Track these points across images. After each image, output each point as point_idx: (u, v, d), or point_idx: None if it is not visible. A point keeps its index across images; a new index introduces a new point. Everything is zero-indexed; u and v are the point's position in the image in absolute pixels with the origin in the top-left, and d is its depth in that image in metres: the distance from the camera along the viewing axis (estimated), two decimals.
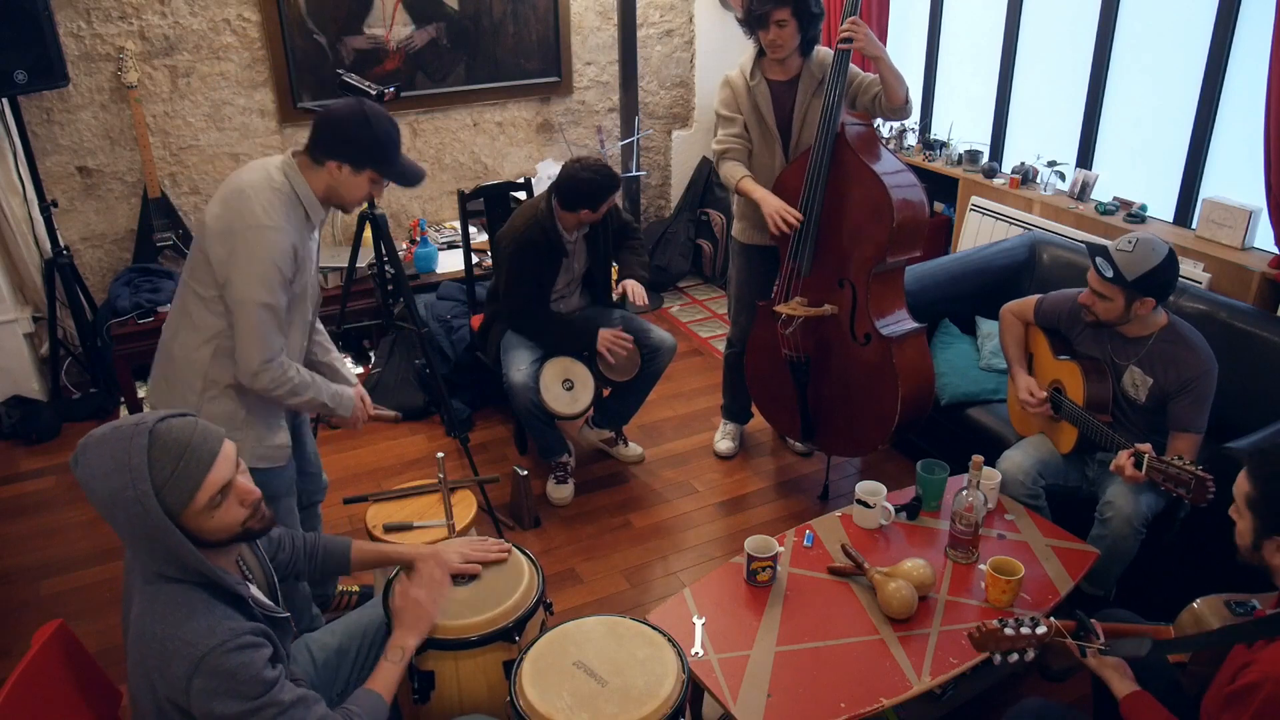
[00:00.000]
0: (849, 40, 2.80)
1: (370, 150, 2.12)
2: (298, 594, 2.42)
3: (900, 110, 2.97)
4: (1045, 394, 2.69)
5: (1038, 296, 2.83)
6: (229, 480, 1.53)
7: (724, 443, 3.70)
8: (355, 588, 2.88)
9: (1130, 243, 2.43)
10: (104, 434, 1.49)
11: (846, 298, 2.98)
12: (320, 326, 2.52)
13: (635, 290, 3.29)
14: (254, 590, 1.65)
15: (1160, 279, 2.41)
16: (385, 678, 1.79)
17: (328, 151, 2.12)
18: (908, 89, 2.94)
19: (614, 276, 3.48)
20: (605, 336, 3.24)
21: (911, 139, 4.58)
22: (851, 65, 2.99)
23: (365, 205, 2.86)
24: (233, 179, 2.14)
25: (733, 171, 3.10)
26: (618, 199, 3.22)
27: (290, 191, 2.13)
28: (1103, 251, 2.45)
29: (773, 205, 2.94)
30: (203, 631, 1.47)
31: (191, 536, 1.50)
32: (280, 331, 2.14)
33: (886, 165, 2.90)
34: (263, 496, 1.63)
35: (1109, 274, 2.41)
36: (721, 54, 5.12)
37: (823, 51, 3.06)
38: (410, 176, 2.23)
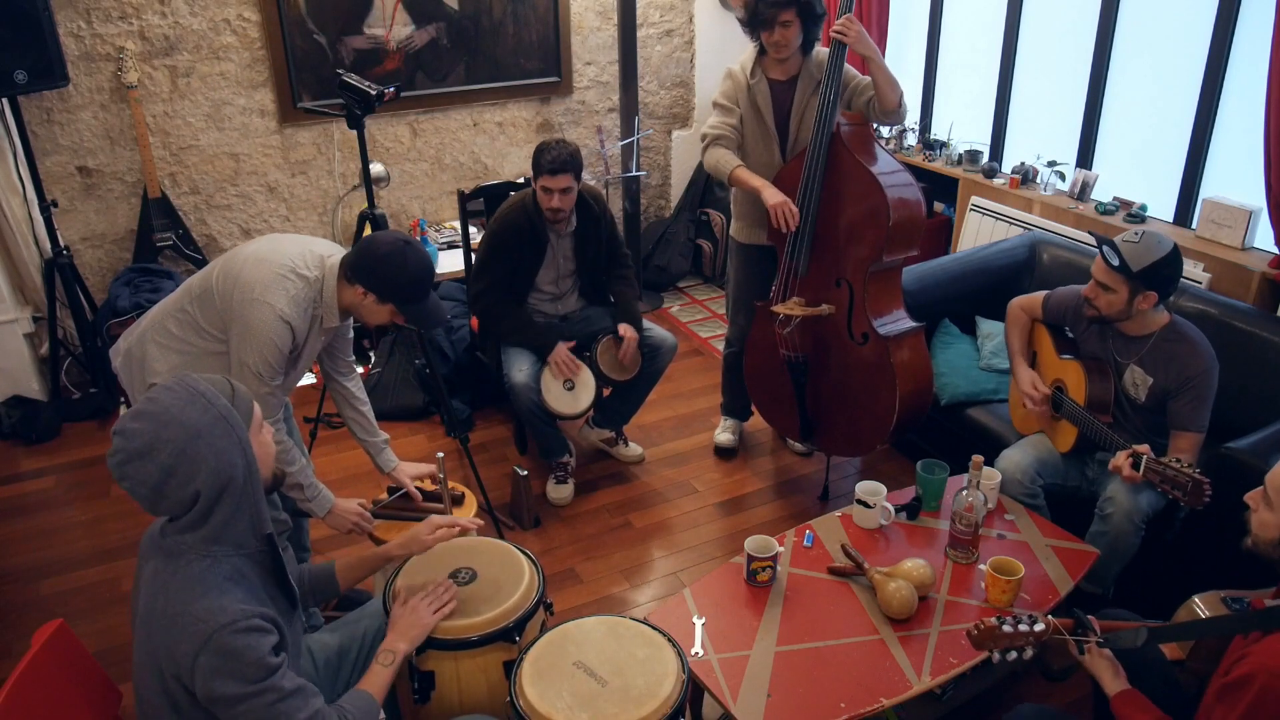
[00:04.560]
0: (842, 34, 2.81)
1: (398, 290, 2.24)
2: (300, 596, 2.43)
3: (893, 114, 2.96)
4: (1048, 391, 2.69)
5: (1046, 292, 2.83)
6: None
7: (724, 435, 3.70)
8: None
9: (1137, 235, 2.45)
10: (151, 399, 1.52)
11: (844, 297, 2.98)
12: (364, 407, 2.65)
13: (629, 347, 3.25)
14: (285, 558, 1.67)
15: (1163, 273, 2.42)
16: (376, 680, 1.80)
17: (358, 275, 2.23)
18: (902, 93, 2.93)
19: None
20: (558, 353, 3.23)
21: (911, 139, 4.58)
22: (849, 67, 2.99)
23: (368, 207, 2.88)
24: (280, 242, 2.28)
25: (724, 159, 3.04)
26: (575, 184, 3.14)
27: (318, 290, 2.26)
28: (1110, 242, 2.46)
29: (776, 198, 2.90)
30: (214, 610, 1.49)
31: None
32: (274, 397, 2.27)
33: (882, 165, 2.90)
34: None
35: (1115, 262, 2.42)
36: (721, 54, 5.12)
37: (822, 51, 3.06)
38: (430, 320, 2.34)
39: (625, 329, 3.27)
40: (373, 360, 4.18)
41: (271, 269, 2.19)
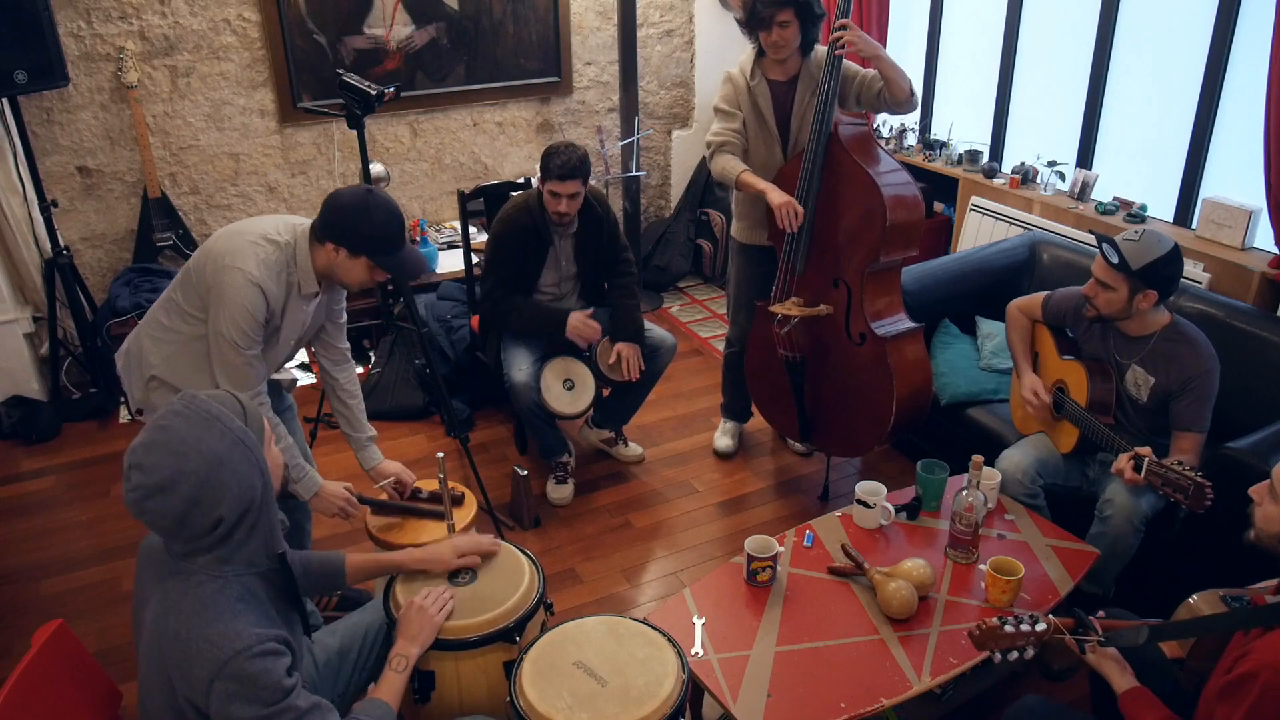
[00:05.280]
0: (842, 44, 2.81)
1: (366, 239, 2.20)
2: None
3: (906, 103, 2.95)
4: (1049, 397, 2.69)
5: (1045, 293, 2.83)
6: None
7: (724, 440, 3.70)
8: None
9: (1137, 234, 2.45)
10: (163, 426, 1.49)
11: (841, 297, 2.98)
12: (353, 400, 2.64)
13: (629, 361, 3.24)
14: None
15: (1163, 272, 2.41)
16: (390, 686, 1.79)
17: (327, 233, 2.21)
18: (911, 81, 2.93)
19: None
20: (574, 321, 3.24)
21: (911, 139, 4.58)
22: (849, 64, 2.99)
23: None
24: (257, 219, 2.28)
25: (731, 165, 3.05)
26: (583, 189, 3.15)
27: (291, 254, 2.23)
28: (1110, 240, 2.46)
29: (781, 198, 2.90)
30: (229, 635, 1.48)
31: None
32: (252, 368, 2.24)
33: (880, 165, 2.89)
34: None
35: (1115, 260, 2.42)
36: (721, 54, 5.12)
37: (821, 51, 3.06)
38: (408, 270, 2.30)
39: (621, 348, 3.26)
40: (373, 360, 4.18)
41: (243, 238, 2.20)
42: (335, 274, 2.27)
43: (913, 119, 4.61)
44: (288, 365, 2.66)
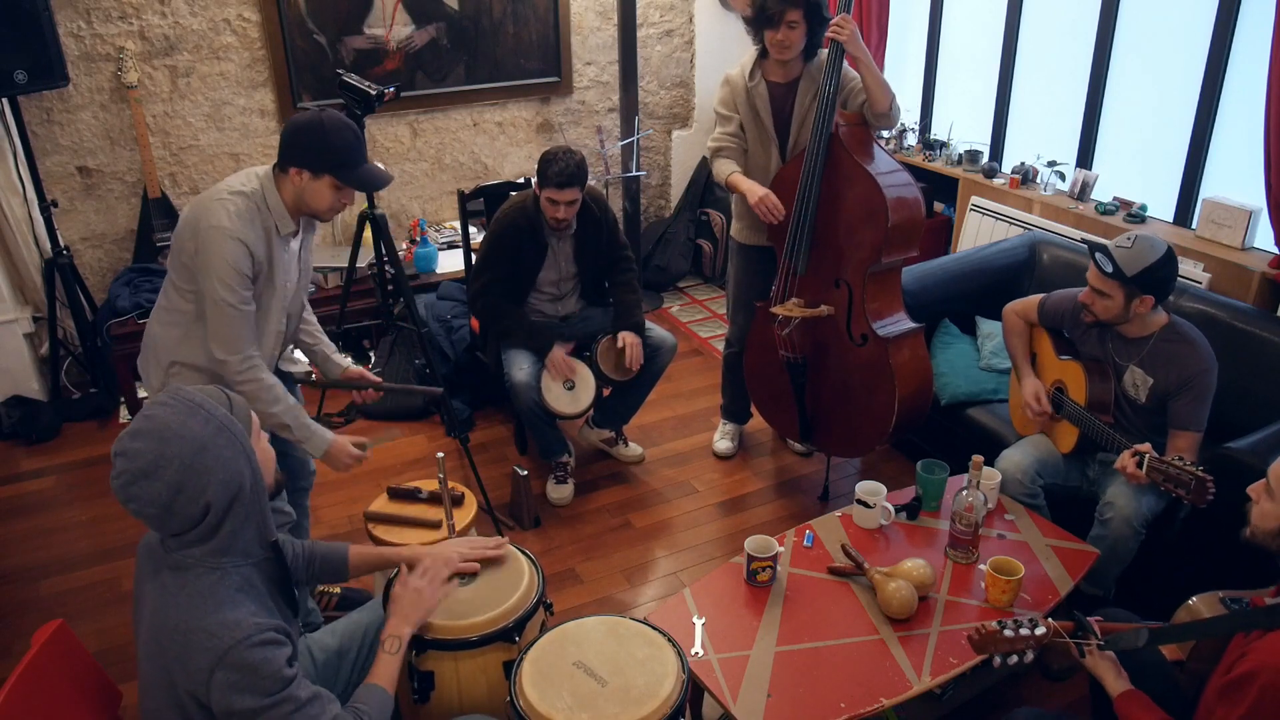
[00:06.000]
0: (839, 31, 2.81)
1: (325, 155, 2.18)
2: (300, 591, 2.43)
3: (884, 118, 2.94)
4: (1049, 405, 2.69)
5: (1041, 296, 2.83)
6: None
7: (723, 443, 3.70)
8: (336, 589, 2.87)
9: (1129, 239, 2.44)
10: (147, 416, 1.50)
11: (843, 298, 2.98)
12: (310, 316, 2.64)
13: (633, 351, 3.24)
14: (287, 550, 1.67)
15: (1158, 276, 2.41)
16: (384, 670, 1.78)
17: (288, 159, 2.20)
18: (893, 97, 2.92)
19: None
20: (555, 356, 3.23)
21: (911, 139, 4.58)
22: (848, 69, 2.99)
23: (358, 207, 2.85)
24: (221, 182, 2.27)
25: (724, 168, 3.09)
26: (581, 195, 3.15)
27: (261, 198, 2.22)
28: (1102, 248, 2.46)
29: (756, 195, 2.92)
30: (228, 624, 1.48)
31: None
32: (248, 328, 2.22)
33: (881, 165, 2.89)
34: None
35: (1109, 269, 2.42)
36: (721, 54, 5.12)
37: (823, 55, 3.05)
38: (371, 182, 2.28)
39: (625, 336, 3.27)
40: (373, 360, 4.18)
41: (210, 199, 2.20)
42: (304, 201, 2.25)
43: (913, 119, 4.61)
44: (300, 356, 2.66)
